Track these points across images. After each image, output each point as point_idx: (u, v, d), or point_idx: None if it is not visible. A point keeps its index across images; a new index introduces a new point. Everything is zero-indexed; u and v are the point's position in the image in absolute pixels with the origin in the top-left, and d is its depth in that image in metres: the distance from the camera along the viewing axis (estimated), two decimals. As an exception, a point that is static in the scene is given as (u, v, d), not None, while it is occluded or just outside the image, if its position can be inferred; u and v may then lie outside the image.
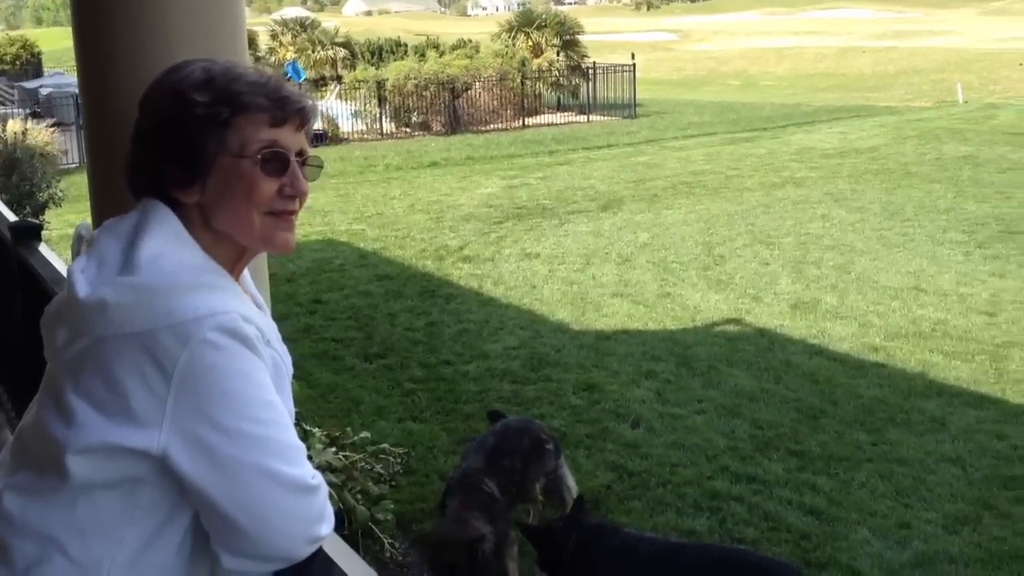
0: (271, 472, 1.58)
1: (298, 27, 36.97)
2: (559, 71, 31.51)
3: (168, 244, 1.65)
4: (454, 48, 35.53)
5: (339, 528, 1.83)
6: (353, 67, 33.18)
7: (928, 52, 46.13)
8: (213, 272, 1.69)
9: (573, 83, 31.89)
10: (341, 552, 1.72)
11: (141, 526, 1.63)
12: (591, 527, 4.28)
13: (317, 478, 1.67)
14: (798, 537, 5.18)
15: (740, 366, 7.87)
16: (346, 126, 27.02)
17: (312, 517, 1.65)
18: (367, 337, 8.92)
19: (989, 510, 5.46)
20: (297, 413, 4.62)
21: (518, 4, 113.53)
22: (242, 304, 1.67)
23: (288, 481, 1.60)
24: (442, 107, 28.19)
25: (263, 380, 1.62)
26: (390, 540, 4.68)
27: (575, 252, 12.05)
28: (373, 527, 4.54)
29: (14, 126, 15.09)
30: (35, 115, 22.12)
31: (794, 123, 26.49)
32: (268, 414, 1.61)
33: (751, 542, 5.14)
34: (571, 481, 5.24)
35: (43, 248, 4.11)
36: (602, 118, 29.90)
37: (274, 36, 37.64)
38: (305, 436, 4.43)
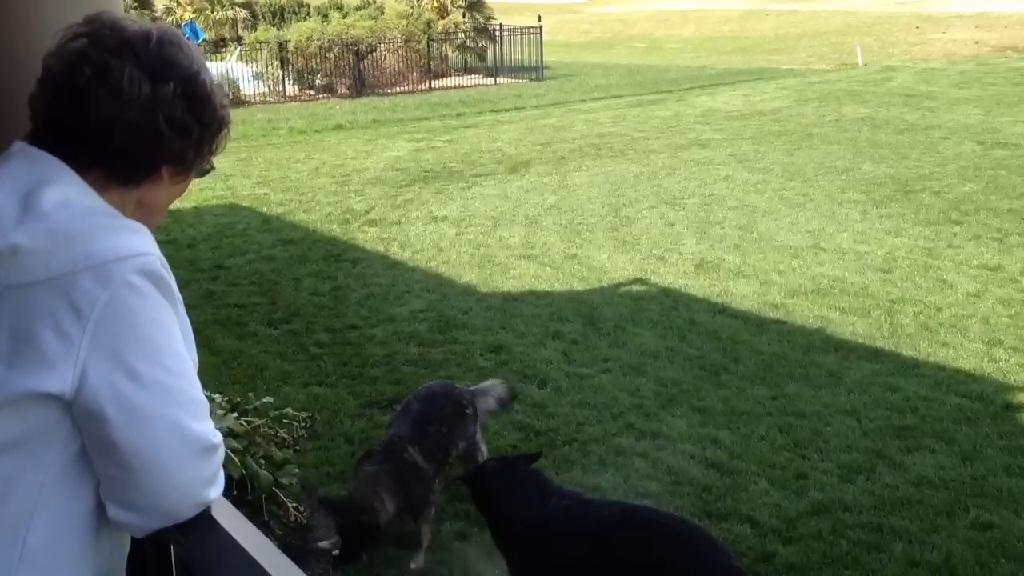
0: (178, 425, 1.56)
1: (197, -13, 35.96)
2: (465, 33, 31.26)
3: (72, 191, 1.61)
4: (358, 9, 34.92)
5: (227, 492, 1.81)
6: (254, 28, 32.41)
7: (829, 15, 46.91)
8: (121, 216, 1.66)
9: (480, 45, 31.66)
10: (227, 514, 1.69)
11: (54, 489, 1.59)
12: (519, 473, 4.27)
13: (218, 437, 1.66)
14: (700, 490, 5.29)
15: (645, 325, 7.97)
16: (248, 89, 26.43)
17: (205, 478, 1.63)
18: (271, 302, 8.80)
19: (882, 459, 5.64)
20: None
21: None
22: (156, 247, 1.64)
23: (192, 436, 1.58)
24: (347, 69, 27.77)
25: (175, 330, 1.61)
26: (294, 504, 4.64)
27: (482, 215, 12.03)
28: (277, 492, 4.50)
29: None
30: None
31: (699, 85, 26.75)
32: (179, 366, 1.59)
33: (654, 496, 5.23)
34: (483, 446, 5.26)
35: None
36: (509, 81, 29.80)
37: (172, -5, 36.56)
38: (205, 402, 4.36)
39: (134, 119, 1.63)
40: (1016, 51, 32.78)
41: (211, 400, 4.32)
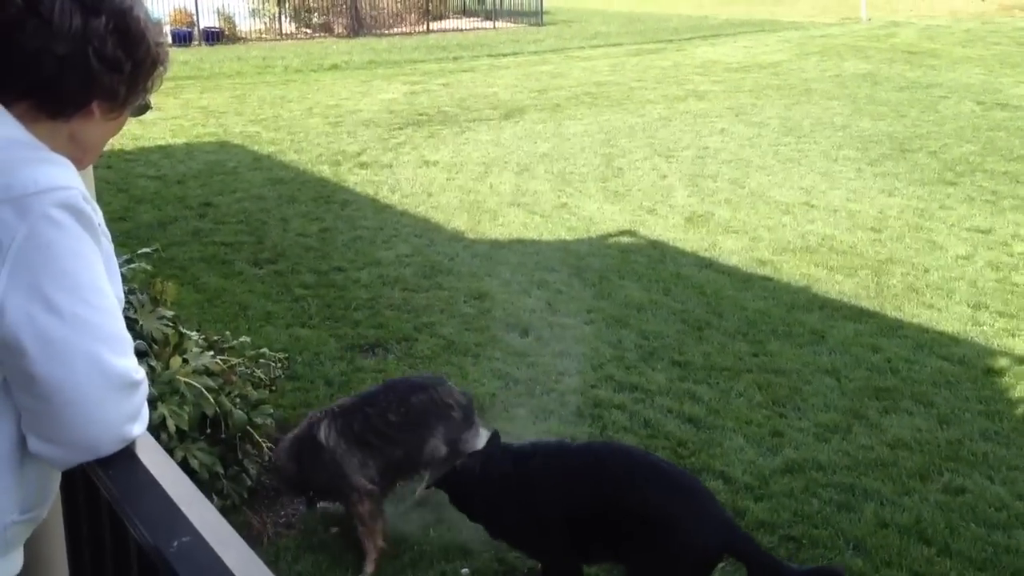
0: (98, 360, 1.54)
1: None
2: (466, -26, 30.90)
3: None
4: (359, -54, 34.44)
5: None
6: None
7: (835, -31, 46.37)
8: (45, 148, 1.63)
9: (480, -12, 31.34)
10: (150, 451, 1.68)
11: None
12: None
13: (140, 374, 1.64)
14: (675, 444, 5.30)
15: (631, 277, 7.94)
16: (244, 25, 26.18)
17: (128, 414, 1.62)
18: (258, 242, 8.76)
19: (859, 419, 5.64)
20: (173, 316, 4.51)
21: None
22: (80, 181, 1.61)
23: (112, 371, 1.56)
24: (344, 8, 27.46)
25: (98, 265, 1.59)
26: (269, 445, 4.64)
27: (474, 160, 11.95)
28: (251, 431, 4.49)
29: None
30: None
31: (700, 35, 26.51)
32: (101, 300, 1.57)
33: (630, 449, 5.24)
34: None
35: None
36: (509, 25, 29.51)
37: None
38: (181, 339, 4.34)
39: (63, 50, 1.60)
40: (1023, 10, 32.45)
41: (187, 338, 4.32)
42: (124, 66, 1.67)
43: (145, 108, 1.82)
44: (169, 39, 22.75)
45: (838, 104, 15.96)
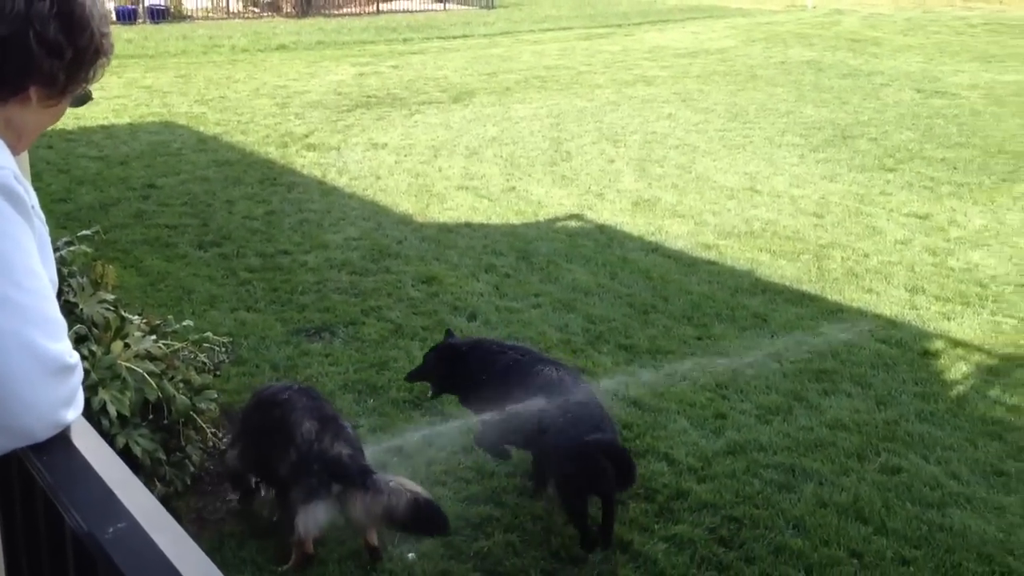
0: (30, 343, 1.53)
1: None
2: (416, -44, 30.64)
3: None
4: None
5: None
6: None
7: (782, -45, 46.71)
8: None
9: (430, -31, 31.10)
10: (85, 437, 1.67)
11: None
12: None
13: (75, 357, 1.62)
14: (621, 426, 5.35)
15: (579, 261, 7.99)
16: (190, 3, 25.80)
17: (62, 399, 1.60)
18: (203, 224, 8.68)
19: (799, 401, 5.74)
20: (115, 300, 4.46)
21: None
22: (13, 162, 1.59)
23: (45, 355, 1.55)
24: (293, -12, 27.18)
25: (30, 247, 1.57)
26: (213, 430, 4.62)
27: (423, 143, 11.92)
28: (195, 416, 4.47)
29: None
30: None
31: (649, 21, 26.60)
32: (33, 283, 1.56)
33: (575, 432, 5.29)
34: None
35: None
36: (459, 7, 29.39)
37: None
38: (123, 323, 4.30)
39: (3, 32, 1.58)
40: (961, 0, 32.96)
41: (128, 322, 4.28)
42: (65, 52, 1.65)
43: (86, 99, 1.80)
44: (113, 16, 22.40)
45: (783, 91, 16.12)
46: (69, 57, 1.67)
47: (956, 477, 5.01)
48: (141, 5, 24.76)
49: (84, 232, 4.84)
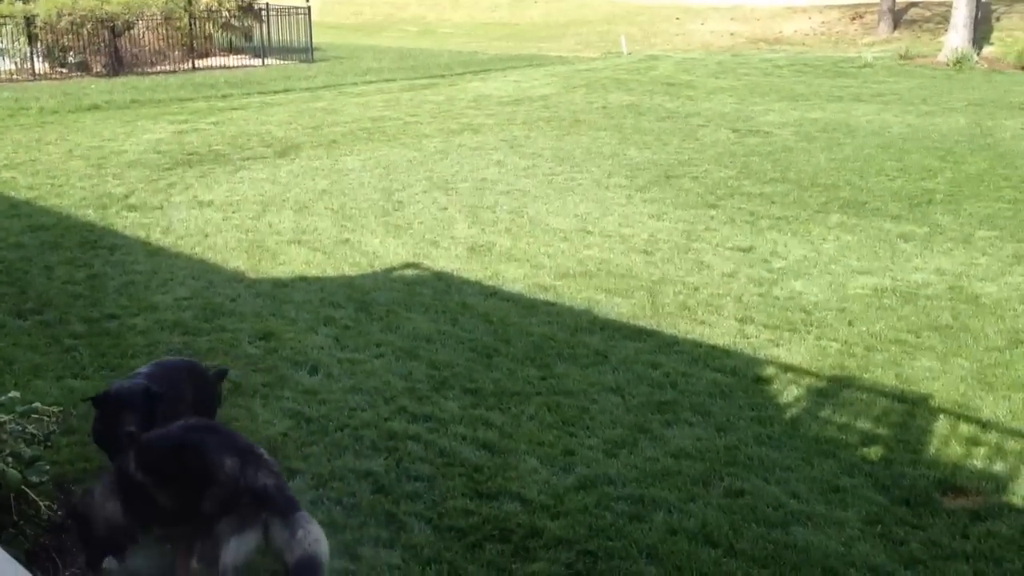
0: None
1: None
2: (230, 11, 30.21)
3: None
4: (115, -17, 33.16)
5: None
6: (-1, 0, 30.21)
7: (594, 4, 48.26)
8: None
9: (246, 24, 30.71)
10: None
11: None
12: None
13: None
14: (471, 470, 5.35)
15: (418, 309, 7.97)
16: (-7, 65, 24.69)
17: None
18: (20, 292, 8.26)
19: (644, 433, 5.86)
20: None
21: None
22: None
23: None
24: (102, 46, 26.34)
25: None
26: (47, 503, 4.36)
27: (251, 199, 11.70)
28: (27, 490, 4.21)
29: None
30: None
31: (471, 71, 26.99)
32: None
33: (427, 479, 5.25)
34: None
35: None
36: (278, 62, 29.11)
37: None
38: (-59, 400, 4.03)
39: None
40: (767, 43, 34.84)
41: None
42: None
43: None
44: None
45: (606, 134, 16.61)
46: None
47: (796, 496, 5.21)
48: (-61, 67, 23.60)
49: None
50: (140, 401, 4.64)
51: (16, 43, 25.60)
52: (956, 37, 28.46)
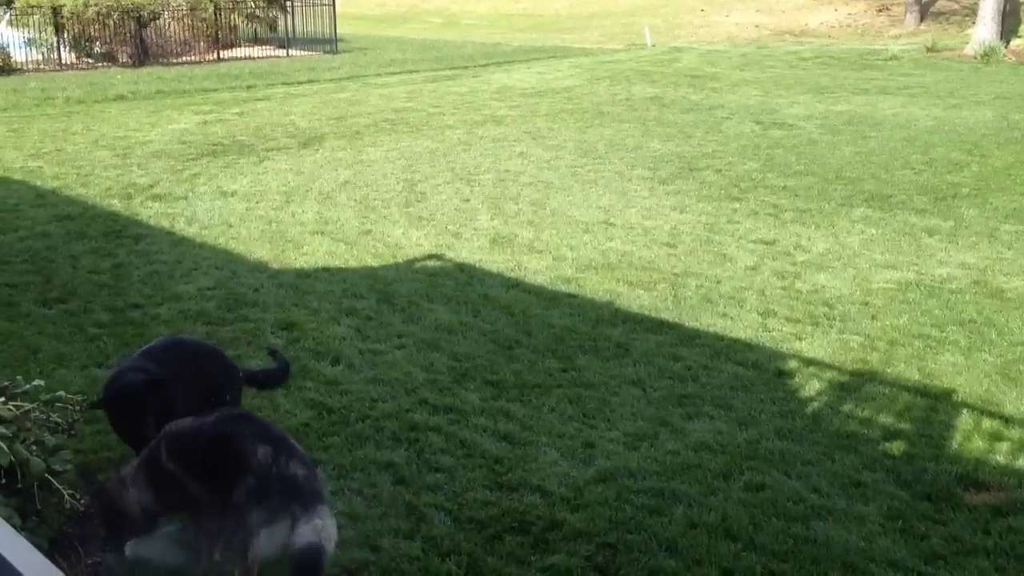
0: None
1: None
2: (255, 2, 30.34)
3: None
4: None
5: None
6: (27, -10, 30.43)
7: (619, -3, 48.22)
8: None
9: (271, 16, 30.84)
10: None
11: None
12: None
13: None
14: (492, 462, 5.35)
15: (440, 301, 7.98)
16: (19, 56, 24.87)
17: None
18: (46, 281, 8.32)
19: (665, 427, 5.86)
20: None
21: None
22: None
23: None
24: (128, 37, 26.50)
25: None
26: (70, 491, 4.39)
27: (275, 190, 11.75)
28: (51, 479, 4.25)
29: None
30: None
31: (494, 62, 26.98)
32: None
33: (448, 470, 5.26)
34: None
35: None
36: (303, 53, 29.21)
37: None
38: (-32, 387, 4.07)
39: None
40: (793, 35, 34.65)
41: (-27, 386, 4.05)
42: None
43: None
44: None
45: (629, 126, 16.57)
46: None
47: (817, 490, 5.19)
48: (-34, 59, 23.81)
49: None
50: (145, 394, 4.62)
51: (43, 33, 25.79)
52: (984, 30, 28.21)
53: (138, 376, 4.68)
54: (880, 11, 37.55)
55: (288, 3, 30.70)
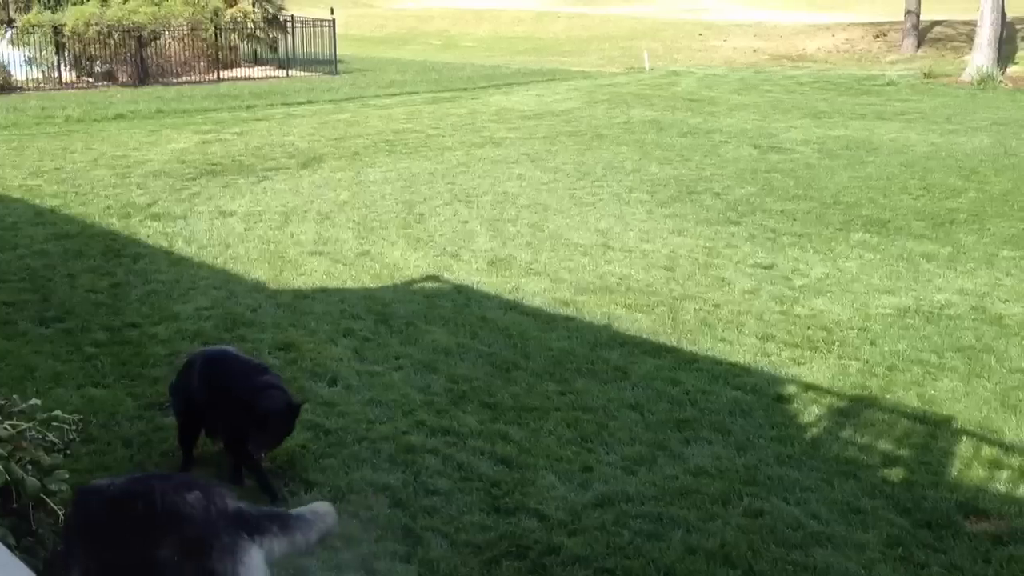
0: None
1: (-36, -37, 33.57)
2: (255, 23, 30.45)
3: None
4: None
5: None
6: (27, 9, 30.54)
7: (617, 19, 48.36)
8: None
9: (271, 36, 30.96)
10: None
11: None
12: None
13: None
14: (489, 485, 5.33)
15: (438, 322, 7.97)
16: (19, 74, 24.94)
17: None
18: (43, 299, 8.30)
19: (663, 451, 5.83)
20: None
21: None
22: None
23: None
24: (128, 56, 26.58)
25: None
26: (65, 512, 4.36)
27: (273, 210, 11.74)
28: (46, 499, 4.22)
29: None
30: None
31: (493, 84, 27.06)
32: None
33: (445, 493, 5.24)
34: None
35: None
36: (302, 73, 29.30)
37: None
38: (-37, 407, 4.05)
39: None
40: (790, 60, 34.80)
41: (-31, 405, 4.02)
42: None
43: None
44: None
45: (627, 149, 16.60)
46: None
47: (816, 517, 5.16)
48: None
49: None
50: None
51: (44, 52, 25.86)
52: (980, 56, 28.37)
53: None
54: (877, 37, 37.74)
55: (289, 24, 30.81)
